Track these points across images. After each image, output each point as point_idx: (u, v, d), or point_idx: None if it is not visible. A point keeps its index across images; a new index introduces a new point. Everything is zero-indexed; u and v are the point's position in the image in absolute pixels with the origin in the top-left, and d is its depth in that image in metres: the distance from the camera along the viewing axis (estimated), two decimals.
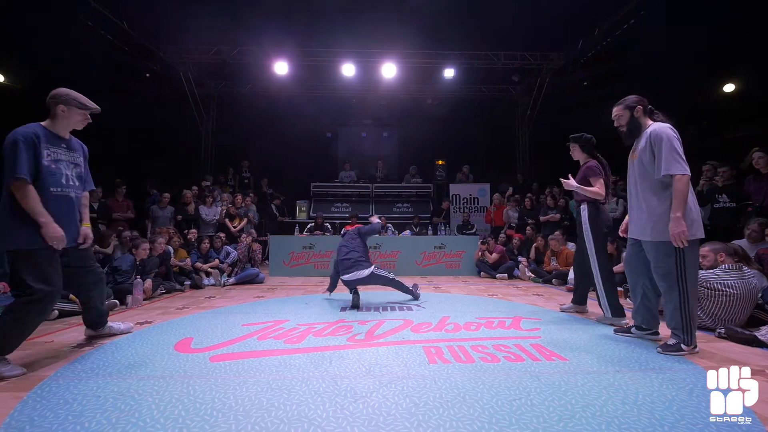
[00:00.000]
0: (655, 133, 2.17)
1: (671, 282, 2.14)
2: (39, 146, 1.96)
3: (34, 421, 1.38)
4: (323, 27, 8.05)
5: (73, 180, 2.14)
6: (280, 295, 4.31)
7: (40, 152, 1.96)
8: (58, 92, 2.10)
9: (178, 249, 5.09)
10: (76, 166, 2.18)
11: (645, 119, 2.33)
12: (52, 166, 2.01)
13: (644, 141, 2.24)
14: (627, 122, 2.36)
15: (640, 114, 2.33)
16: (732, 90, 8.48)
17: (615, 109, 2.42)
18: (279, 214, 8.61)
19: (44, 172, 1.97)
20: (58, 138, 2.10)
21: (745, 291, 2.62)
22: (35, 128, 2.00)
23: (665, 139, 2.12)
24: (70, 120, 2.12)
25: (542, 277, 5.43)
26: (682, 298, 2.12)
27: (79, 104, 2.13)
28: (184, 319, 3.07)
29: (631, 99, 2.37)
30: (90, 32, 6.99)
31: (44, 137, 2.01)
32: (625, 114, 2.36)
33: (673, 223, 2.07)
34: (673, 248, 2.12)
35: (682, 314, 2.12)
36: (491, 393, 1.62)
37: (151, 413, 1.44)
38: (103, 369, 1.91)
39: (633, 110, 2.33)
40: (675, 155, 2.09)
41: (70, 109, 2.10)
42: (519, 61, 8.82)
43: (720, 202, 4.36)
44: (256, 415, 1.43)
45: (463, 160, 10.21)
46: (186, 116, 9.54)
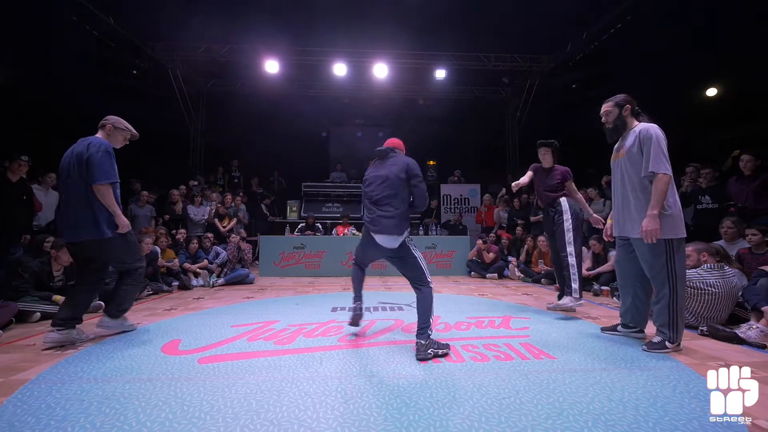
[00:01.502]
0: (645, 131, 2.23)
1: (662, 280, 2.19)
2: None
3: (14, 427, 1.34)
4: (315, 26, 8.02)
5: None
6: (270, 296, 4.27)
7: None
8: (110, 117, 2.64)
9: (165, 249, 5.00)
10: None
11: (631, 119, 2.40)
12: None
13: (633, 139, 2.29)
14: (614, 119, 2.42)
15: (627, 113, 2.39)
16: (716, 93, 8.71)
17: (604, 105, 2.48)
18: (269, 213, 8.54)
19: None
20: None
21: (726, 290, 2.70)
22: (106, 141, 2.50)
23: (654, 138, 2.17)
24: (113, 138, 2.59)
25: (532, 276, 5.50)
26: (671, 296, 2.17)
27: (124, 127, 2.64)
28: (172, 321, 3.02)
29: (621, 97, 2.43)
30: (74, 28, 6.83)
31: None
32: (614, 111, 2.42)
33: (648, 219, 2.14)
34: (664, 247, 2.17)
35: (670, 312, 2.17)
36: (481, 392, 1.63)
37: (137, 417, 1.41)
38: (87, 372, 1.87)
39: (622, 108, 2.40)
40: (661, 155, 2.15)
41: (116, 129, 2.60)
42: (509, 63, 8.91)
43: (703, 203, 4.47)
44: (245, 417, 1.41)
45: (454, 160, 10.26)
46: (175, 114, 9.38)
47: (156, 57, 8.29)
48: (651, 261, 2.23)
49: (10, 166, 3.82)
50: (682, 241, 2.20)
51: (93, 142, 2.39)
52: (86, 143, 2.39)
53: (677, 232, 2.16)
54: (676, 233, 2.16)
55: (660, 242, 2.16)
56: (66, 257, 3.28)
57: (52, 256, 3.28)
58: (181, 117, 9.51)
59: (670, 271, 2.17)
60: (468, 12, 7.61)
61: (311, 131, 11.39)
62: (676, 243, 2.17)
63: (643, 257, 2.29)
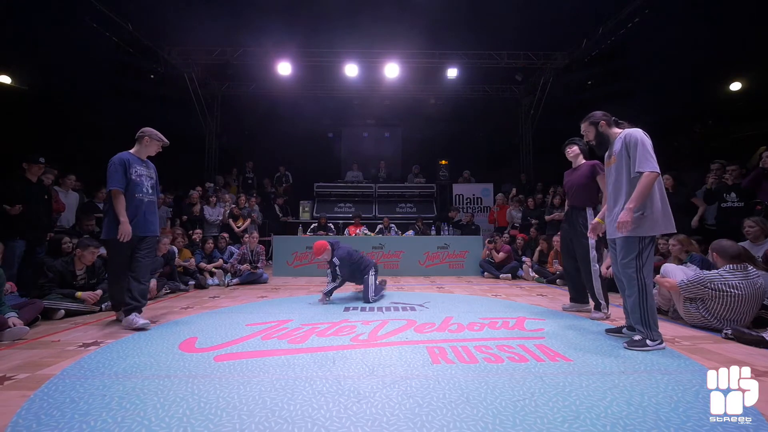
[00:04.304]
0: (629, 135, 2.33)
1: (630, 276, 2.28)
2: (129, 168, 2.88)
3: (41, 420, 1.39)
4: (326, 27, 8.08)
5: (149, 188, 3.03)
6: (283, 295, 4.32)
7: (130, 171, 2.88)
8: (145, 129, 3.04)
9: (182, 249, 5.12)
10: (150, 179, 3.07)
11: (611, 130, 2.51)
12: (137, 180, 2.92)
13: (619, 144, 2.38)
14: (594, 136, 2.56)
15: (604, 127, 2.51)
16: (738, 88, 8.39)
17: (582, 125, 2.63)
18: (282, 213, 8.64)
19: (132, 184, 2.88)
20: (141, 161, 3.02)
21: (750, 291, 2.59)
22: (125, 155, 2.92)
23: (639, 141, 2.27)
24: (149, 148, 3.05)
25: (546, 277, 5.41)
26: (640, 293, 2.25)
27: (158, 138, 3.06)
28: (189, 319, 3.09)
29: (595, 115, 2.55)
30: (94, 33, 7.05)
31: (132, 161, 2.93)
32: (591, 129, 2.56)
33: (624, 211, 2.23)
34: (637, 244, 2.25)
35: (641, 309, 2.25)
36: (495, 394, 1.61)
37: (156, 412, 1.45)
38: (108, 368, 1.93)
39: (597, 125, 2.54)
40: (647, 155, 2.23)
41: (152, 141, 3.04)
42: (522, 61, 8.79)
43: (728, 201, 4.32)
44: (260, 414, 1.43)
45: (466, 159, 10.19)
46: (190, 117, 9.60)
47: (172, 61, 8.50)
48: (622, 257, 2.32)
49: (29, 168, 3.96)
50: (653, 239, 2.28)
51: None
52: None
53: (652, 230, 2.24)
54: (650, 231, 2.24)
55: (633, 240, 2.26)
56: (90, 257, 3.39)
57: (76, 256, 3.39)
58: (196, 119, 9.72)
59: (638, 267, 2.25)
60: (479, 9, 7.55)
61: (323, 132, 11.49)
62: (648, 240, 2.26)
63: (618, 253, 2.37)
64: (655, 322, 2.25)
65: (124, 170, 2.85)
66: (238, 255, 5.37)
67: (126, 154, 2.93)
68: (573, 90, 9.46)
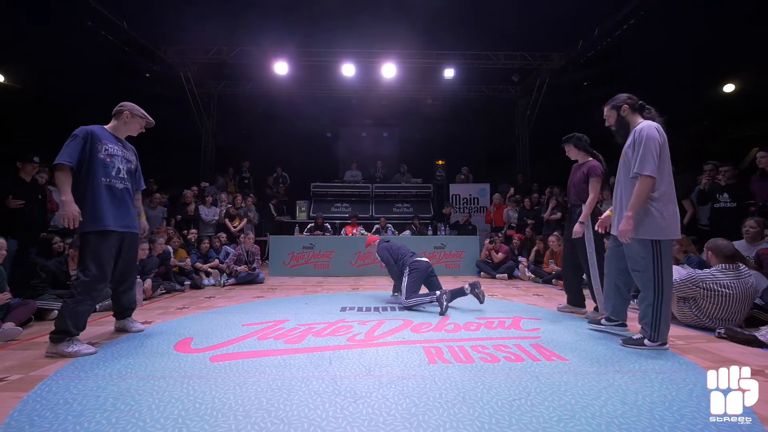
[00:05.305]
0: (639, 131, 2.19)
1: (647, 281, 2.18)
2: (96, 143, 2.29)
3: (33, 421, 1.38)
4: (323, 27, 8.06)
5: (123, 174, 2.45)
6: (280, 295, 4.31)
7: (97, 147, 2.29)
8: (126, 103, 2.53)
9: (177, 249, 5.09)
10: (128, 162, 2.52)
11: (634, 116, 2.34)
12: (105, 159, 2.33)
13: (630, 138, 2.26)
14: (615, 121, 2.40)
15: (627, 112, 2.35)
16: (732, 90, 8.47)
17: (605, 109, 2.47)
18: (277, 213, 8.60)
19: (97, 164, 2.29)
20: (116, 139, 2.47)
21: (741, 290, 2.62)
22: (96, 127, 2.36)
23: (646, 139, 2.13)
24: (130, 125, 2.53)
25: (542, 277, 5.43)
26: (656, 298, 2.15)
27: (141, 114, 2.56)
28: (184, 320, 3.07)
29: (618, 98, 2.40)
30: (90, 32, 6.99)
31: (104, 136, 2.35)
32: (613, 113, 2.41)
33: (624, 220, 2.14)
34: (650, 246, 2.14)
35: (654, 312, 2.17)
36: (491, 393, 1.62)
37: (151, 413, 1.44)
38: (102, 369, 1.91)
39: (619, 109, 2.37)
40: (649, 156, 2.10)
41: (134, 117, 2.52)
42: (519, 62, 8.82)
43: (721, 201, 4.35)
44: (256, 415, 1.43)
45: (463, 160, 10.20)
46: (186, 116, 9.54)
47: (168, 60, 8.44)
48: (636, 260, 2.23)
49: (23, 167, 3.92)
50: (670, 242, 2.17)
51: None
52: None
53: (667, 233, 2.12)
54: (666, 235, 2.12)
55: (647, 243, 2.15)
56: None
57: (69, 256, 3.37)
58: (192, 119, 9.66)
59: (656, 272, 2.15)
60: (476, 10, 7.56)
61: (319, 132, 11.45)
62: (664, 245, 2.14)
63: (629, 255, 2.29)
64: (667, 325, 2.18)
65: (84, 144, 2.25)
66: (234, 255, 5.34)
67: (96, 127, 2.36)
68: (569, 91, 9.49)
